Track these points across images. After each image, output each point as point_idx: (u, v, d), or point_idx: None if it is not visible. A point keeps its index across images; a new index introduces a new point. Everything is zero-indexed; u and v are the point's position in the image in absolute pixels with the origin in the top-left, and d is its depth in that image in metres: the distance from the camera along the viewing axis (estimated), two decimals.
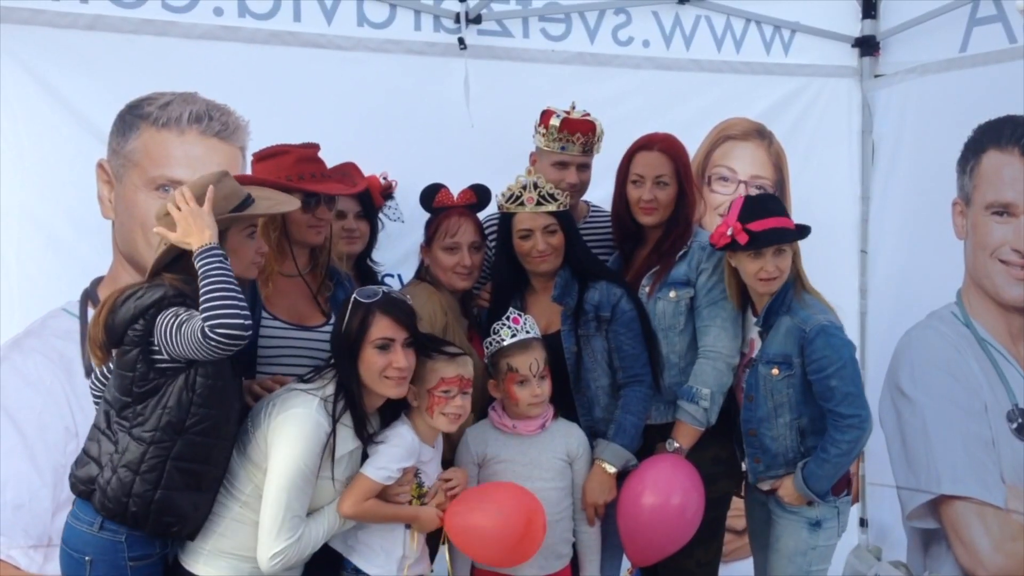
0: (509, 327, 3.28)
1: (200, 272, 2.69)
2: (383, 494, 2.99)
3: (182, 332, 2.65)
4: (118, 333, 2.77)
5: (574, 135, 3.67)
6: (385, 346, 2.91)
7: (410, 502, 3.04)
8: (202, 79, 3.85)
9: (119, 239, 3.80)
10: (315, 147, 3.24)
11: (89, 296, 3.77)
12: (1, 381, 3.69)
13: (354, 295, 2.96)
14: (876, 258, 4.96)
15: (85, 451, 2.87)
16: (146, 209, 3.77)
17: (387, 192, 3.74)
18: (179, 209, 2.77)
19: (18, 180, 3.66)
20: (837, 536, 3.45)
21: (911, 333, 4.62)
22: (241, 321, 2.62)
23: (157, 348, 2.74)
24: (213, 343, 2.60)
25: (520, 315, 3.31)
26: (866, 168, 4.98)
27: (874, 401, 4.88)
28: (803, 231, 3.35)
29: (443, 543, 3.19)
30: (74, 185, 3.73)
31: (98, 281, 3.79)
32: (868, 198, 4.98)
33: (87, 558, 2.81)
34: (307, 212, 3.17)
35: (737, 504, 3.75)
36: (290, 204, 3.04)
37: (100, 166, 3.77)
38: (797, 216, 4.70)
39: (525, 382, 3.24)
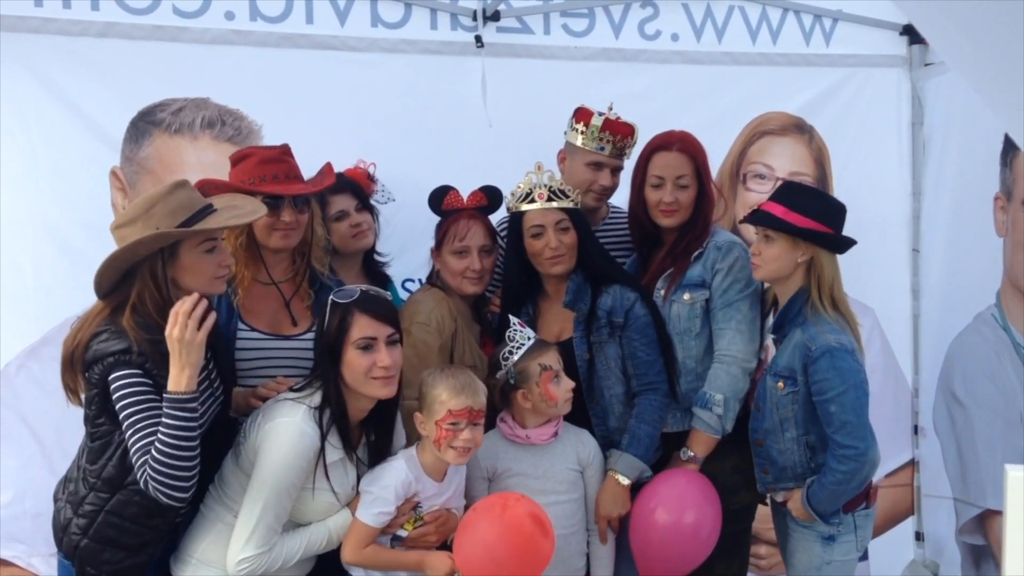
0: (521, 331, 3.16)
1: (165, 415, 2.58)
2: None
3: (131, 449, 2.61)
4: (84, 366, 2.73)
5: (615, 136, 3.56)
6: (368, 346, 2.80)
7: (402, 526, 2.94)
8: (214, 84, 3.83)
9: None
10: (282, 148, 3.15)
11: None
12: (19, 390, 3.72)
13: (331, 296, 2.86)
14: (929, 257, 4.71)
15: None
16: None
17: (370, 177, 3.70)
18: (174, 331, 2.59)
19: (32, 189, 3.68)
20: (856, 550, 3.25)
21: (961, 336, 4.37)
22: (183, 493, 2.57)
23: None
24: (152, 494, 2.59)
25: (519, 320, 3.20)
26: (917, 163, 4.74)
27: (929, 408, 4.67)
28: (806, 232, 3.11)
29: None
30: (88, 193, 3.73)
31: None
32: (920, 194, 4.74)
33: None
34: (271, 215, 3.06)
35: None
36: (250, 214, 2.91)
37: (114, 173, 3.77)
38: None
39: (558, 377, 3.12)
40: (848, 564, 3.24)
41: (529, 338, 3.14)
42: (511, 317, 3.21)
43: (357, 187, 3.59)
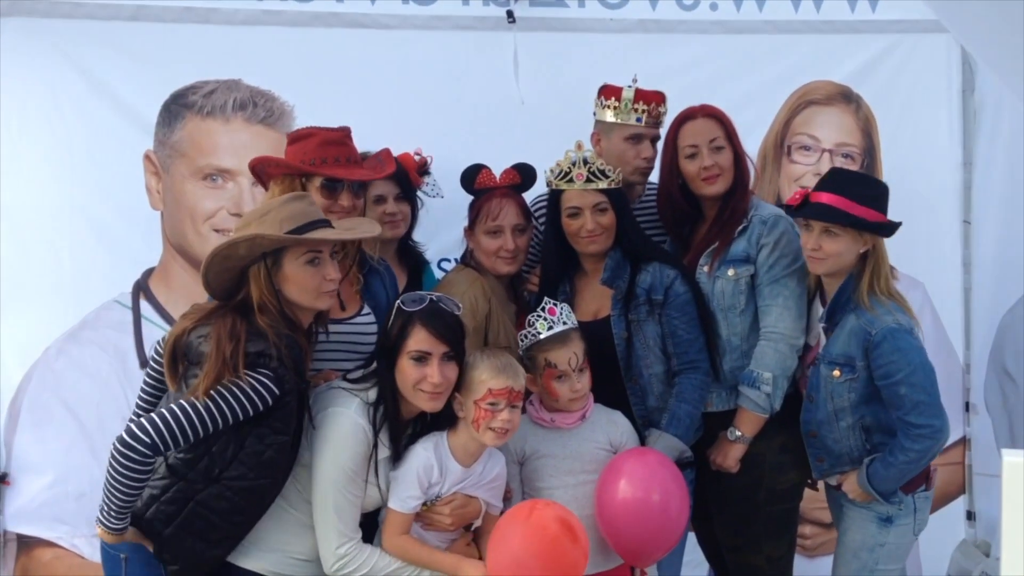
0: (545, 319, 3.08)
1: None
2: None
3: (152, 415, 2.59)
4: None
5: (648, 105, 3.48)
6: (421, 359, 2.77)
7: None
8: (246, 65, 3.85)
9: (168, 229, 3.84)
10: (343, 130, 3.09)
11: (140, 287, 3.82)
12: (60, 373, 3.78)
13: (398, 301, 2.84)
14: (981, 229, 4.54)
15: None
16: (194, 199, 3.82)
17: (423, 169, 3.61)
18: None
19: (68, 175, 3.74)
20: (913, 534, 3.18)
21: (1013, 310, 4.23)
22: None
23: None
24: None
25: (556, 304, 3.11)
26: (968, 131, 4.56)
27: (980, 384, 4.54)
28: (875, 226, 3.04)
29: None
30: (123, 177, 3.79)
31: (149, 272, 3.85)
32: (971, 164, 4.55)
33: (122, 556, 2.77)
34: (328, 199, 3.01)
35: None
36: (356, 232, 2.89)
37: (147, 157, 3.81)
38: (891, 185, 4.40)
39: (564, 377, 3.04)
40: (902, 547, 3.18)
41: (549, 329, 3.05)
42: (546, 298, 3.15)
43: (404, 176, 3.49)
